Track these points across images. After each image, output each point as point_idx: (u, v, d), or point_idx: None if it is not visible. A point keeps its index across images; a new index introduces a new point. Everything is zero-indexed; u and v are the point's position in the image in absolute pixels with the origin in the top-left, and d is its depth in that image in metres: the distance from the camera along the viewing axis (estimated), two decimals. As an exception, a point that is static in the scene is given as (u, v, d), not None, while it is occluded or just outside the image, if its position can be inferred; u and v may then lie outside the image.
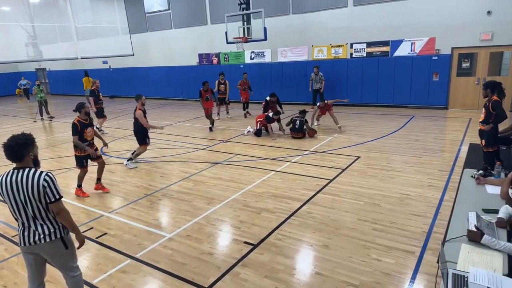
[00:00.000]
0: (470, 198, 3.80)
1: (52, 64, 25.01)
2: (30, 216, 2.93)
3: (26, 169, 2.92)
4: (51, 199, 2.91)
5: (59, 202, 2.97)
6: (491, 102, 5.52)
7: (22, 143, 2.92)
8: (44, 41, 16.80)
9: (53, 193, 2.92)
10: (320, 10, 14.13)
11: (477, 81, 12.07)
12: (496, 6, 11.10)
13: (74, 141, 6.09)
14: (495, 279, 2.49)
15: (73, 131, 6.05)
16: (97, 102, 11.71)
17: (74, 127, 6.05)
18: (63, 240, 3.07)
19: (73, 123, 6.06)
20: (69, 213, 3.07)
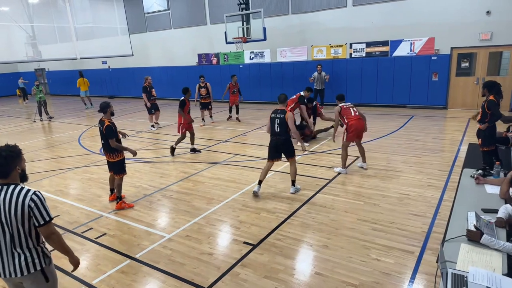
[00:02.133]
0: (470, 198, 3.80)
1: (51, 65, 24.99)
2: (8, 242, 2.53)
3: (11, 186, 2.51)
4: (39, 221, 2.52)
5: (49, 225, 2.58)
6: (487, 102, 5.55)
7: (7, 156, 2.48)
8: (43, 41, 16.78)
9: (42, 214, 2.53)
10: (319, 10, 14.14)
11: (476, 81, 12.07)
12: (495, 6, 11.11)
13: (114, 144, 5.55)
14: (495, 279, 2.49)
15: (109, 134, 5.48)
16: (149, 99, 11.79)
17: (110, 129, 5.49)
18: (44, 272, 2.68)
19: (108, 125, 5.48)
20: (60, 236, 2.71)
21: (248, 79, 16.71)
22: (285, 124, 5.76)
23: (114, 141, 5.56)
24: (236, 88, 12.58)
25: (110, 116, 5.66)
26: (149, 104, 11.84)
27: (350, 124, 6.69)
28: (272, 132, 5.95)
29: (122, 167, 5.85)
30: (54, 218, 2.71)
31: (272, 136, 5.96)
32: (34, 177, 7.75)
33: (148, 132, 11.82)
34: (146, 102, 11.82)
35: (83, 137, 11.60)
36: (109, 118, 5.63)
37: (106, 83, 22.89)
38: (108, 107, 5.62)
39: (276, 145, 5.92)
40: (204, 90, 12.02)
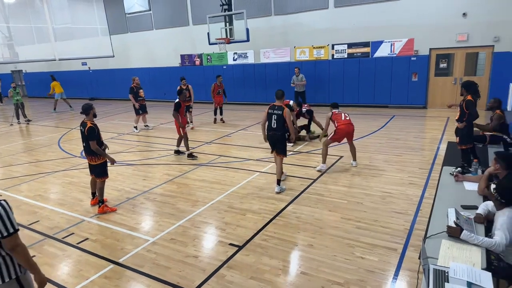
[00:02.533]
0: (449, 195, 3.90)
1: (28, 66, 24.30)
2: None
3: None
4: (3, 233, 2.39)
5: (14, 237, 2.43)
6: (465, 102, 5.74)
7: None
8: (20, 42, 16.35)
9: (5, 226, 2.40)
10: (301, 12, 14.25)
11: (454, 81, 12.42)
12: (471, 8, 11.46)
13: (94, 147, 5.40)
14: (474, 273, 2.56)
15: (91, 135, 5.35)
16: (137, 100, 11.61)
17: (92, 130, 5.35)
18: (19, 281, 2.54)
19: (90, 127, 5.35)
20: (26, 248, 2.53)
21: (231, 80, 16.68)
22: (283, 120, 5.93)
23: (95, 144, 5.43)
24: (221, 89, 12.28)
25: (92, 118, 5.54)
26: (138, 105, 11.66)
27: (339, 127, 7.06)
28: (268, 128, 6.11)
29: (104, 170, 5.72)
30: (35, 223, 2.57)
31: (268, 131, 6.13)
32: (12, 182, 7.51)
33: (130, 134, 11.64)
34: (134, 103, 11.66)
35: (63, 140, 11.32)
36: (91, 120, 5.51)
37: (86, 85, 22.42)
38: (91, 108, 5.51)
39: (271, 140, 6.12)
40: (186, 93, 11.31)
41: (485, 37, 11.51)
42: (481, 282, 2.48)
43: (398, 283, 3.64)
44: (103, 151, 5.60)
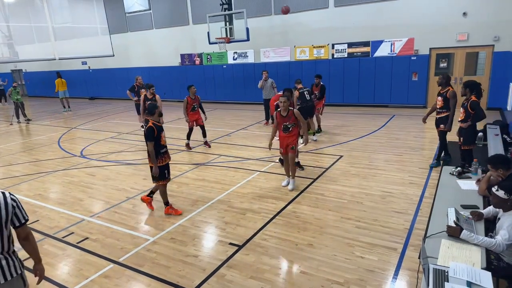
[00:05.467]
0: (449, 195, 3.91)
1: (28, 65, 24.28)
2: None
3: None
4: (21, 221, 2.48)
5: (26, 225, 2.55)
6: (470, 102, 5.70)
7: None
8: (20, 42, 16.32)
9: (22, 214, 2.50)
10: (301, 11, 14.24)
11: (454, 80, 12.40)
12: (472, 8, 11.45)
13: (150, 148, 5.10)
14: (474, 273, 2.57)
15: (149, 136, 5.06)
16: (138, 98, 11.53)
17: (150, 131, 5.06)
18: (23, 276, 2.60)
19: (149, 127, 5.07)
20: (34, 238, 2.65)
21: (231, 80, 16.69)
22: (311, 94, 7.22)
23: (151, 145, 5.10)
24: (197, 103, 9.01)
25: (157, 117, 5.27)
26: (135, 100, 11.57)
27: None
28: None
29: (162, 173, 5.32)
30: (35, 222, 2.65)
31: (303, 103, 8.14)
32: (12, 181, 7.51)
33: (130, 134, 11.64)
34: (131, 98, 11.71)
35: (62, 139, 11.32)
36: (156, 120, 5.23)
37: (86, 84, 22.41)
38: (156, 108, 5.25)
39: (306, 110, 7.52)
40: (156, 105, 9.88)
41: (485, 37, 11.50)
42: (481, 282, 2.48)
43: (398, 283, 3.64)
44: (155, 157, 5.18)
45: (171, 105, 17.52)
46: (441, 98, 6.49)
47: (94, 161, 8.71)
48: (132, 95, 11.62)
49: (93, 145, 10.32)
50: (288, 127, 6.03)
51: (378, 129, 10.30)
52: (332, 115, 12.62)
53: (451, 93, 6.35)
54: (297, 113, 5.99)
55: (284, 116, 6.00)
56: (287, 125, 6.01)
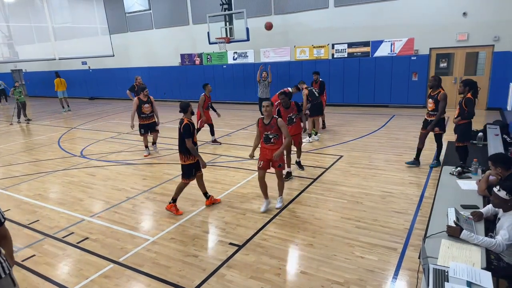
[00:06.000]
0: (449, 195, 3.91)
1: (28, 65, 24.28)
2: None
3: None
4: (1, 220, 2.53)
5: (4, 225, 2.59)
6: (465, 99, 5.82)
7: None
8: (20, 42, 16.33)
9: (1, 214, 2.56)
10: (301, 11, 14.25)
11: (454, 80, 12.41)
12: (472, 8, 11.45)
13: (190, 145, 5.17)
14: (474, 273, 2.57)
15: (186, 133, 5.14)
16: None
17: (188, 128, 5.16)
18: (11, 276, 2.62)
19: (186, 124, 5.16)
20: None
21: (231, 80, 16.69)
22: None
23: (190, 142, 5.20)
24: (210, 102, 9.46)
25: (190, 115, 5.36)
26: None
27: None
28: None
29: (189, 172, 5.43)
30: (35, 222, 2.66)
31: None
32: (12, 181, 7.51)
33: (130, 134, 11.63)
34: (131, 98, 11.70)
35: (62, 139, 11.32)
36: (189, 118, 5.32)
37: (86, 84, 22.41)
38: (188, 106, 5.35)
39: None
40: (148, 107, 8.58)
41: (485, 37, 11.50)
42: (481, 282, 2.48)
43: (398, 283, 3.64)
44: (197, 152, 5.36)
45: (171, 105, 17.52)
46: (432, 100, 6.49)
47: (94, 161, 8.71)
48: (132, 95, 11.62)
49: (93, 145, 10.32)
50: (270, 138, 5.22)
51: (378, 129, 10.30)
52: (332, 115, 12.62)
53: (442, 96, 6.34)
54: (281, 123, 5.14)
55: (266, 124, 5.20)
56: (269, 135, 5.22)
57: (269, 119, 5.17)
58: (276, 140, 5.23)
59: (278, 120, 5.14)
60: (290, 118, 6.53)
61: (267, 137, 5.25)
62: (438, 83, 6.47)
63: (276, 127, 5.15)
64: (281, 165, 5.33)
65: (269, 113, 5.13)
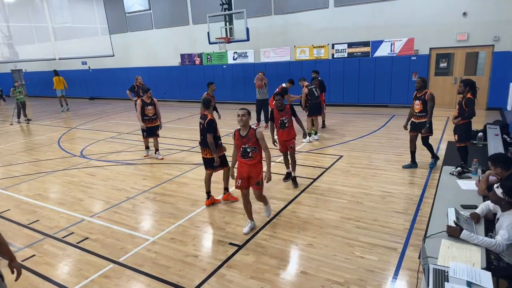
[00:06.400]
0: (449, 195, 3.91)
1: (28, 65, 24.29)
2: None
3: None
4: None
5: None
6: (465, 99, 5.80)
7: None
8: (20, 42, 16.32)
9: None
10: (301, 11, 14.24)
11: (454, 80, 12.41)
12: (472, 8, 11.45)
13: (210, 140, 5.32)
14: (474, 273, 2.56)
15: (210, 128, 5.29)
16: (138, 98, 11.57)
17: (211, 123, 5.31)
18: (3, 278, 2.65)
19: (210, 120, 5.32)
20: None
21: (231, 80, 16.68)
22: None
23: (211, 137, 5.37)
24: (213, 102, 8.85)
25: (212, 110, 5.61)
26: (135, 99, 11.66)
27: None
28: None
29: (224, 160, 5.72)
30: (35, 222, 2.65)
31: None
32: (12, 181, 7.51)
33: (130, 134, 11.64)
34: (131, 98, 11.74)
35: (62, 139, 11.32)
36: (211, 113, 5.54)
37: (86, 84, 22.41)
38: (211, 101, 5.61)
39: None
40: (152, 109, 8.19)
41: (485, 37, 11.50)
42: (481, 282, 2.48)
43: (398, 283, 3.64)
44: (216, 148, 5.50)
45: (171, 105, 17.53)
46: (420, 101, 6.42)
47: (94, 161, 8.71)
48: (132, 95, 11.65)
49: (93, 145, 10.32)
50: (248, 151, 4.54)
51: (378, 129, 10.29)
52: (332, 115, 12.62)
53: (429, 96, 6.29)
54: (259, 135, 4.50)
55: (243, 137, 4.57)
56: (246, 148, 4.54)
57: (246, 130, 4.55)
58: (255, 154, 4.55)
59: (256, 131, 4.51)
60: (282, 122, 6.05)
61: (245, 150, 4.56)
62: (425, 84, 6.50)
63: (254, 139, 4.51)
64: (259, 182, 4.68)
65: (245, 123, 4.53)
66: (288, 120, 6.07)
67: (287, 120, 6.06)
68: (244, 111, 4.52)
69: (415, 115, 6.59)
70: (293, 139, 6.18)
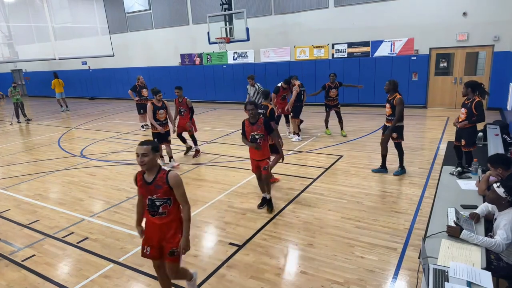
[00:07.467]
0: (449, 195, 3.91)
1: (28, 65, 24.29)
2: None
3: None
4: None
5: None
6: (475, 103, 5.53)
7: None
8: (20, 42, 16.34)
9: None
10: (301, 11, 14.24)
11: (454, 80, 12.41)
12: (472, 8, 11.45)
13: (275, 128, 5.92)
14: (474, 273, 2.56)
15: (272, 117, 6.00)
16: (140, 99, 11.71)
17: (273, 112, 6.08)
18: None
19: (272, 109, 6.03)
20: None
21: (231, 80, 16.68)
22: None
23: (274, 124, 6.00)
24: (184, 107, 8.40)
25: (270, 101, 6.25)
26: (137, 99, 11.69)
27: None
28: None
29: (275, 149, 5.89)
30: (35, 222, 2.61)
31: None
32: (11, 181, 7.51)
33: (130, 134, 11.64)
34: (133, 98, 11.77)
35: (62, 139, 11.32)
36: (270, 103, 6.15)
37: (86, 84, 22.41)
38: (270, 93, 6.40)
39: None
40: (163, 113, 7.61)
41: (485, 37, 11.50)
42: (481, 282, 2.48)
43: (398, 283, 3.64)
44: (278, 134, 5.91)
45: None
46: (389, 105, 6.30)
47: (94, 161, 8.71)
48: (134, 95, 11.68)
49: (93, 145, 10.32)
50: (157, 206, 3.14)
51: (378, 129, 10.28)
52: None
53: (397, 100, 6.12)
54: (172, 181, 3.18)
55: (147, 184, 3.19)
56: (153, 199, 3.14)
57: (152, 177, 3.23)
58: (166, 208, 3.19)
59: (169, 176, 3.19)
60: (253, 137, 5.17)
61: (152, 202, 3.17)
62: (394, 87, 6.26)
63: (166, 186, 3.16)
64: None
65: (146, 164, 3.18)
66: (260, 136, 5.15)
67: (259, 136, 5.15)
68: (146, 147, 3.19)
69: (386, 118, 6.51)
70: (267, 160, 5.34)
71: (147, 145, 3.14)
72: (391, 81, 6.31)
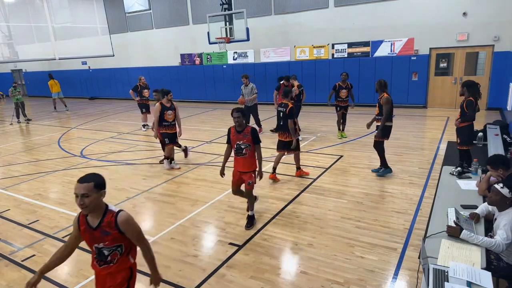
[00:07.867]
0: (449, 195, 3.91)
1: (28, 65, 24.29)
2: None
3: None
4: None
5: None
6: (466, 101, 5.62)
7: None
8: (20, 42, 16.35)
9: None
10: (301, 11, 14.25)
11: (454, 80, 12.41)
12: (472, 8, 11.46)
13: (291, 126, 6.19)
14: (474, 273, 2.57)
15: (291, 114, 6.22)
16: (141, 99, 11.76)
17: (292, 110, 6.27)
18: None
19: (292, 107, 6.27)
20: None
21: (231, 80, 16.68)
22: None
23: (292, 122, 6.21)
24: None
25: (290, 99, 6.49)
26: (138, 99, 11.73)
27: None
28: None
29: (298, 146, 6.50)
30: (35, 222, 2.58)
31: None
32: (11, 181, 7.51)
33: (130, 134, 11.64)
34: (134, 98, 11.80)
35: (62, 139, 11.32)
36: (290, 102, 6.42)
37: (86, 84, 22.42)
38: (290, 92, 6.59)
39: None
40: (172, 114, 7.42)
41: (485, 37, 11.50)
42: (481, 282, 2.48)
43: (397, 283, 3.64)
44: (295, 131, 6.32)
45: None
46: (378, 104, 6.39)
47: (94, 161, 8.71)
48: (135, 95, 11.70)
49: (93, 145, 10.32)
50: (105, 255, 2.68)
51: (378, 129, 10.28)
52: (332, 115, 12.60)
53: (384, 100, 6.20)
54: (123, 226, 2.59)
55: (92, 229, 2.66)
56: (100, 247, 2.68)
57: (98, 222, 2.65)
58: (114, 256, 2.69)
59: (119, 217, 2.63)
60: (238, 146, 4.89)
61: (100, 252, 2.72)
62: (382, 87, 6.34)
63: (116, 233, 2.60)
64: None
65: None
66: (246, 146, 4.86)
67: (245, 146, 4.86)
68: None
69: (375, 117, 6.57)
70: (252, 173, 4.95)
71: (88, 182, 2.44)
72: (379, 81, 6.46)
